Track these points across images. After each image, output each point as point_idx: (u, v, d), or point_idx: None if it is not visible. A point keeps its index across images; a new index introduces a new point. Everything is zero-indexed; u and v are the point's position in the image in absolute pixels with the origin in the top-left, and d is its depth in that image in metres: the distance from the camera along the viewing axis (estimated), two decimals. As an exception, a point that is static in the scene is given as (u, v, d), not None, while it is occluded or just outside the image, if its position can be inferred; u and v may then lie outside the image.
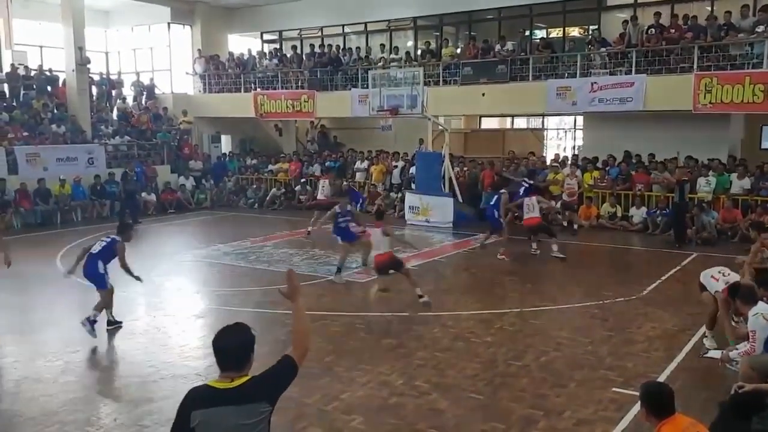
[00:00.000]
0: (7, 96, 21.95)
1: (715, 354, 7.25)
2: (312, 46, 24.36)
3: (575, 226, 16.52)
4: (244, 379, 3.30)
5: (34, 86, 22.75)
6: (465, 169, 19.75)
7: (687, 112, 16.38)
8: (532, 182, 15.28)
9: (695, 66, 16.32)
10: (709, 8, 18.04)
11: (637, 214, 16.61)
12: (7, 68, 22.50)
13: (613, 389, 6.77)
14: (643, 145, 18.16)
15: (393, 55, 22.12)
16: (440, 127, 19.32)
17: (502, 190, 14.45)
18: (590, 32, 19.92)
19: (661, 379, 6.84)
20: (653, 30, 17.47)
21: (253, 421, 3.24)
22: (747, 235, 14.28)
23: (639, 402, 4.31)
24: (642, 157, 18.13)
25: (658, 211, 16.29)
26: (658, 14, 17.66)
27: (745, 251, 10.57)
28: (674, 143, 17.51)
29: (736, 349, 6.70)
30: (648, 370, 7.27)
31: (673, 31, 17.20)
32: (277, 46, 26.47)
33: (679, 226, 15.02)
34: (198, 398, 3.27)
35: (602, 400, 6.54)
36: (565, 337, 8.50)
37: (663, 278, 11.61)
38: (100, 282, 9.00)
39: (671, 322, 9.07)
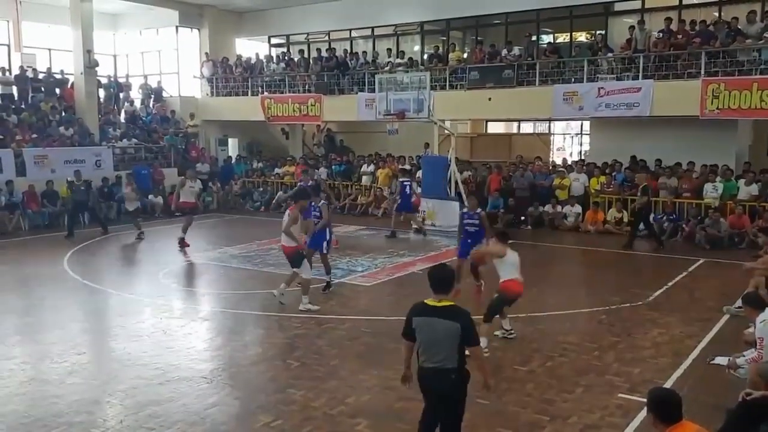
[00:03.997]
0: (16, 98, 22.08)
1: (722, 361, 7.23)
2: (319, 50, 24.40)
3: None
4: (448, 303, 4.78)
5: (43, 89, 22.86)
6: (472, 174, 19.74)
7: (694, 117, 16.34)
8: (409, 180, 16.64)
9: (702, 72, 16.28)
10: (717, 14, 18.02)
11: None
12: (16, 71, 22.61)
13: (620, 395, 6.76)
14: (649, 150, 18.12)
15: (400, 60, 22.15)
16: (446, 132, 19.33)
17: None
18: (595, 37, 19.93)
19: (668, 385, 6.80)
20: (661, 34, 17.45)
21: (450, 332, 4.68)
22: (755, 241, 14.28)
23: (646, 408, 4.30)
24: (647, 162, 18.09)
25: (664, 217, 16.24)
26: (667, 20, 17.63)
27: (752, 257, 10.54)
28: (681, 149, 17.47)
29: (743, 356, 6.68)
30: (655, 376, 7.25)
31: (680, 36, 17.16)
32: (285, 50, 26.53)
33: (649, 229, 15.28)
34: (418, 309, 4.86)
35: (608, 405, 6.52)
36: (571, 342, 8.47)
37: (670, 284, 11.57)
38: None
39: (678, 328, 9.05)
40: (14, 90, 22.16)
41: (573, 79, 18.43)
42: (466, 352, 4.84)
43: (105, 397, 6.86)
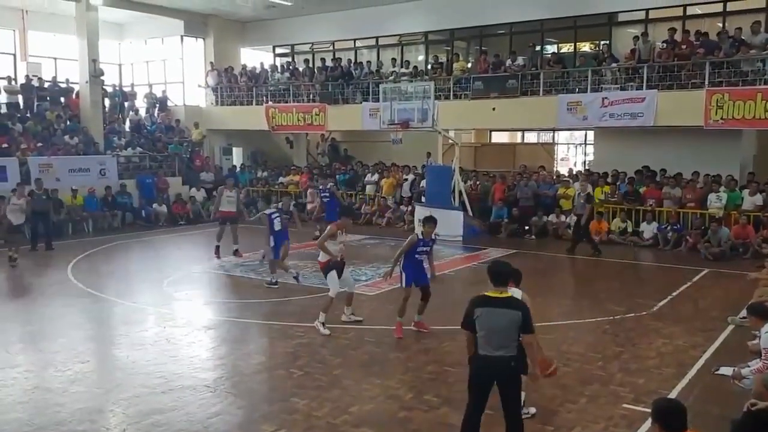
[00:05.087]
0: (22, 107, 22.20)
1: (727, 371, 7.19)
2: (323, 59, 24.52)
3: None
4: (507, 294, 5.31)
5: (48, 97, 22.99)
6: (477, 182, 19.76)
7: (698, 127, 16.34)
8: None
9: (707, 82, 16.30)
10: (721, 24, 18.05)
11: (648, 229, 16.53)
12: (21, 79, 22.74)
13: (624, 405, 6.73)
14: (653, 160, 18.13)
15: (404, 69, 22.22)
16: (450, 141, 19.35)
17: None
18: (600, 47, 19.99)
19: (673, 395, 6.78)
20: (665, 45, 17.48)
21: (512, 321, 5.12)
22: (759, 252, 14.25)
23: (650, 418, 4.27)
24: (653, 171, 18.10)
25: (669, 227, 16.22)
26: (671, 30, 17.66)
27: (757, 267, 10.51)
28: (685, 159, 17.46)
29: (748, 366, 6.64)
30: (659, 386, 7.21)
31: (684, 46, 17.19)
32: (289, 59, 26.66)
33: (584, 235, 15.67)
34: (480, 301, 5.25)
35: (613, 416, 6.49)
36: (575, 352, 8.44)
37: (674, 294, 11.54)
38: None
39: (682, 338, 9.01)
40: (20, 99, 22.27)
41: (577, 89, 18.48)
42: None
43: (108, 405, 6.85)
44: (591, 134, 23.25)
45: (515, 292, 6.49)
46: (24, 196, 15.78)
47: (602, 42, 20.14)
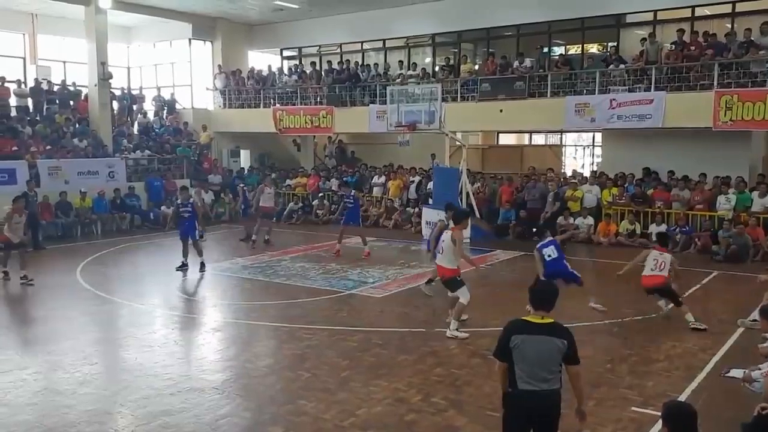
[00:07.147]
0: (31, 110, 22.30)
1: (737, 374, 7.13)
2: (330, 62, 24.55)
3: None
4: (550, 320, 4.60)
5: (57, 101, 23.10)
6: (485, 184, 19.71)
7: (707, 129, 16.27)
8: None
9: (715, 83, 16.24)
10: (729, 25, 17.97)
11: (657, 231, 16.42)
12: (31, 83, 22.86)
13: (633, 408, 6.69)
14: (662, 162, 18.06)
15: (411, 72, 22.21)
16: (458, 143, 19.35)
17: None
18: (608, 49, 19.94)
19: (682, 398, 6.74)
20: (673, 46, 17.43)
21: (558, 350, 4.54)
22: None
23: (660, 422, 4.25)
24: (660, 174, 18.02)
25: (677, 229, 16.14)
26: (679, 31, 17.61)
27: (766, 270, 10.44)
28: (694, 160, 17.38)
29: (759, 369, 6.59)
30: (668, 389, 7.17)
31: (693, 48, 17.13)
32: (297, 62, 26.72)
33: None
34: (517, 327, 4.59)
35: (621, 419, 6.46)
36: (583, 355, 8.21)
37: (683, 296, 11.42)
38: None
39: (691, 341, 8.96)
40: (29, 102, 22.39)
41: (585, 91, 18.43)
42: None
43: (116, 407, 6.87)
44: (599, 136, 23.17)
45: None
46: (24, 211, 13.40)
47: (610, 44, 20.07)
